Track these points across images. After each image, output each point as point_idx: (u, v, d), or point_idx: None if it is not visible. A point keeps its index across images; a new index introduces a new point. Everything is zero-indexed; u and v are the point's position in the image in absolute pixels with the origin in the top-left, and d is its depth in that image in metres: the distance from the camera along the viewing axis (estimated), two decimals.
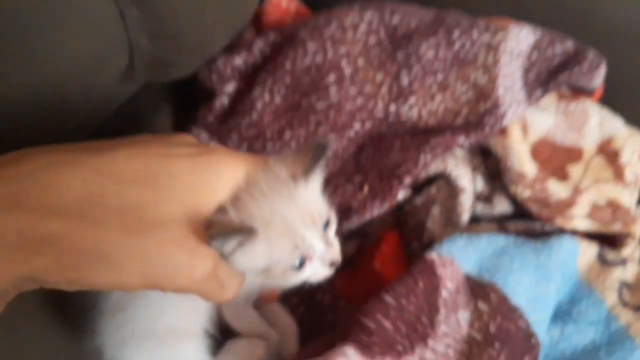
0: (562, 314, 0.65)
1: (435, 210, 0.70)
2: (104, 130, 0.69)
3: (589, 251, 0.68)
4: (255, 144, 0.70)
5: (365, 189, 0.68)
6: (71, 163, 0.38)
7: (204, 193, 0.42)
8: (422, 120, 0.70)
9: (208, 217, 0.41)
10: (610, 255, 0.68)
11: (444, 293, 0.59)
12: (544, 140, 0.75)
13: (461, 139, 0.67)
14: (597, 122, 0.76)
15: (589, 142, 0.76)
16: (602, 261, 0.68)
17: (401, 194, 0.70)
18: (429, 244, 0.70)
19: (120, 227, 0.38)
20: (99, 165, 0.38)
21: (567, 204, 0.70)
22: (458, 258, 0.63)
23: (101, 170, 0.38)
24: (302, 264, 0.47)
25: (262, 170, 0.45)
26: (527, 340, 0.58)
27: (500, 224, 0.72)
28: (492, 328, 0.57)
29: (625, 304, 0.65)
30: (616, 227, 0.68)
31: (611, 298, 0.66)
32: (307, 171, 0.46)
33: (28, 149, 0.39)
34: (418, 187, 0.72)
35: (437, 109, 0.71)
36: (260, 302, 0.66)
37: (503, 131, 0.70)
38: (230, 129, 0.71)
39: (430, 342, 0.54)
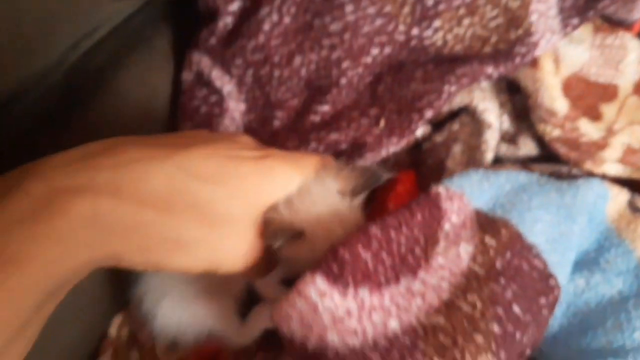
0: (588, 263, 0.60)
1: (457, 149, 0.64)
2: (102, 49, 0.64)
3: (619, 198, 0.63)
4: (261, 70, 0.63)
5: (382, 123, 0.62)
6: (159, 159, 0.42)
7: (265, 193, 0.48)
8: (447, 46, 0.63)
9: (265, 215, 0.48)
10: None
11: (447, 226, 0.54)
12: (577, 75, 0.69)
13: (489, 69, 0.61)
14: (636, 59, 0.70)
15: (626, 80, 0.70)
16: (634, 209, 0.63)
17: (420, 130, 0.64)
18: None
19: (196, 220, 0.43)
20: (180, 162, 0.43)
21: (598, 146, 0.65)
22: (470, 193, 0.57)
23: (183, 167, 0.43)
24: None
25: (315, 179, 0.51)
26: (544, 281, 0.53)
27: (525, 165, 0.67)
28: (499, 264, 0.52)
29: None
30: None
31: None
32: (355, 193, 0.52)
33: (117, 139, 0.45)
34: (438, 123, 0.67)
35: (464, 35, 0.63)
36: None
37: (534, 63, 0.64)
38: (235, 54, 0.65)
39: (421, 273, 0.50)
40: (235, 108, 0.70)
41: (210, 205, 0.44)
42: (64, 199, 0.38)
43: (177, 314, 0.62)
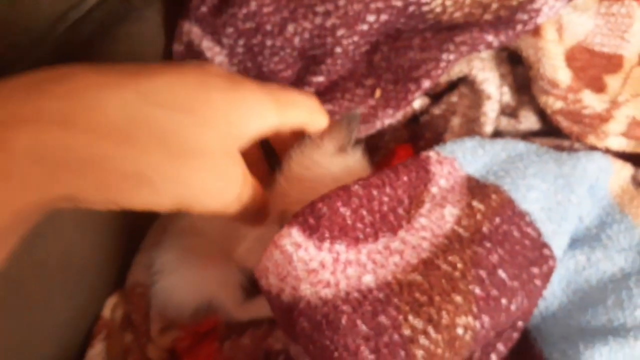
0: (589, 239, 0.58)
1: (455, 121, 0.62)
2: (90, 20, 0.63)
3: (623, 172, 0.61)
4: (253, 40, 0.61)
5: (378, 93, 0.60)
6: (116, 85, 0.38)
7: (239, 123, 0.44)
8: (446, 13, 0.61)
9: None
10: None
11: (434, 189, 0.53)
12: (581, 45, 0.66)
13: (490, 37, 0.58)
14: None
15: (631, 50, 0.67)
16: (638, 184, 0.62)
17: (417, 102, 0.62)
18: None
19: (161, 152, 0.39)
20: (141, 89, 0.38)
21: (602, 119, 0.63)
22: (462, 159, 0.56)
23: (144, 94, 0.38)
24: None
25: (313, 145, 0.53)
26: (537, 250, 0.52)
27: (526, 139, 0.65)
28: (486, 228, 0.50)
29: None
30: None
31: None
32: (348, 143, 0.53)
33: (71, 65, 0.39)
34: (436, 96, 0.65)
35: (463, 1, 0.60)
36: None
37: (536, 32, 0.61)
38: (226, 22, 0.63)
39: (402, 233, 0.49)
40: None
41: (177, 135, 0.39)
42: (6, 133, 0.34)
43: (181, 283, 0.63)
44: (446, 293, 0.46)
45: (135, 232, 0.75)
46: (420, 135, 0.65)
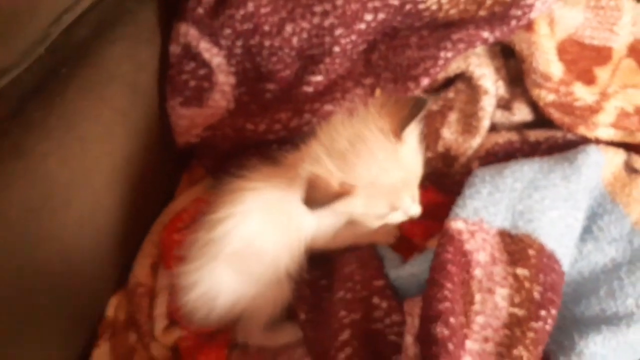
0: (581, 232, 0.60)
1: (453, 117, 0.63)
2: (84, 23, 0.62)
3: (615, 159, 0.63)
4: (251, 40, 0.62)
5: (378, 92, 0.61)
6: None
7: None
8: (442, 10, 0.62)
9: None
10: (639, 163, 0.63)
11: (477, 272, 0.53)
12: (571, 38, 0.68)
13: (486, 34, 0.59)
14: (630, 20, 0.69)
15: (620, 43, 0.69)
16: (630, 170, 0.63)
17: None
18: (444, 153, 0.65)
19: None
20: None
21: (592, 110, 0.64)
22: (487, 216, 0.56)
23: None
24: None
25: (365, 121, 0.50)
26: (561, 280, 0.54)
27: (520, 132, 0.66)
28: (537, 294, 0.52)
29: None
30: None
31: (636, 212, 0.60)
32: (405, 128, 0.49)
33: None
34: (433, 92, 0.65)
35: None
36: None
37: (529, 27, 0.63)
38: (223, 24, 0.63)
39: (468, 343, 0.50)
40: (225, 81, 0.68)
41: None
42: None
43: (224, 290, 0.61)
44: None
45: (137, 232, 0.75)
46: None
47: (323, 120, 0.61)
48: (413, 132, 0.51)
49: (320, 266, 0.64)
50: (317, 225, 0.60)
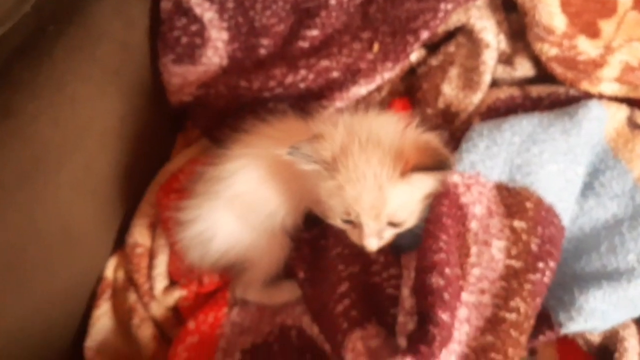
0: (582, 188, 0.59)
1: (454, 72, 0.62)
2: None
3: (618, 115, 0.62)
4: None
5: (376, 47, 0.59)
6: None
7: None
8: None
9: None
10: None
11: (473, 225, 0.53)
12: None
13: None
14: None
15: None
16: (633, 125, 0.62)
17: (414, 54, 0.61)
18: (445, 110, 0.63)
19: None
20: None
21: (596, 65, 0.63)
22: (484, 169, 0.55)
23: None
24: (349, 222, 0.51)
25: (390, 136, 0.49)
26: (560, 233, 0.54)
27: (522, 87, 0.65)
28: (534, 246, 0.52)
29: None
30: None
31: (638, 168, 0.60)
32: (415, 172, 0.48)
33: None
34: (433, 46, 0.64)
35: None
36: None
37: None
38: None
39: (464, 295, 0.50)
40: (218, 37, 0.66)
41: None
42: None
43: (228, 233, 0.61)
44: (516, 341, 0.47)
45: (133, 194, 0.74)
46: (418, 86, 0.64)
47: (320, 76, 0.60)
48: (423, 183, 0.50)
49: (320, 226, 0.64)
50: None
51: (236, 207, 0.60)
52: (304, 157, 0.49)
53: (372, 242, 0.50)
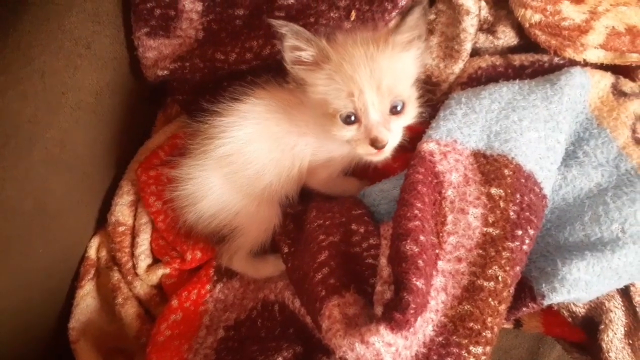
0: (565, 158, 0.58)
1: (434, 40, 0.60)
2: None
3: (602, 82, 0.60)
4: None
5: (353, 15, 0.58)
6: None
7: None
8: None
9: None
10: (627, 85, 0.60)
11: (449, 193, 0.52)
12: None
13: None
14: None
15: None
16: (618, 93, 0.61)
17: (393, 22, 0.60)
18: (425, 80, 0.62)
19: None
20: None
21: (581, 31, 0.61)
22: (461, 137, 0.55)
23: None
24: (351, 122, 0.52)
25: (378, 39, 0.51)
26: (541, 202, 0.53)
27: (504, 56, 0.64)
28: (512, 213, 0.51)
29: (638, 141, 0.59)
30: (633, 58, 0.60)
31: (623, 136, 0.58)
32: (390, 33, 0.51)
33: None
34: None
35: None
36: None
37: None
38: None
39: (440, 264, 0.49)
40: (192, 8, 0.64)
41: None
42: None
43: (224, 201, 0.63)
44: (495, 310, 0.47)
45: (113, 171, 0.73)
46: None
47: None
48: (408, 46, 0.53)
49: (304, 203, 0.64)
50: (312, 158, 0.62)
51: (225, 167, 0.61)
52: (297, 32, 0.51)
53: (383, 132, 0.52)
